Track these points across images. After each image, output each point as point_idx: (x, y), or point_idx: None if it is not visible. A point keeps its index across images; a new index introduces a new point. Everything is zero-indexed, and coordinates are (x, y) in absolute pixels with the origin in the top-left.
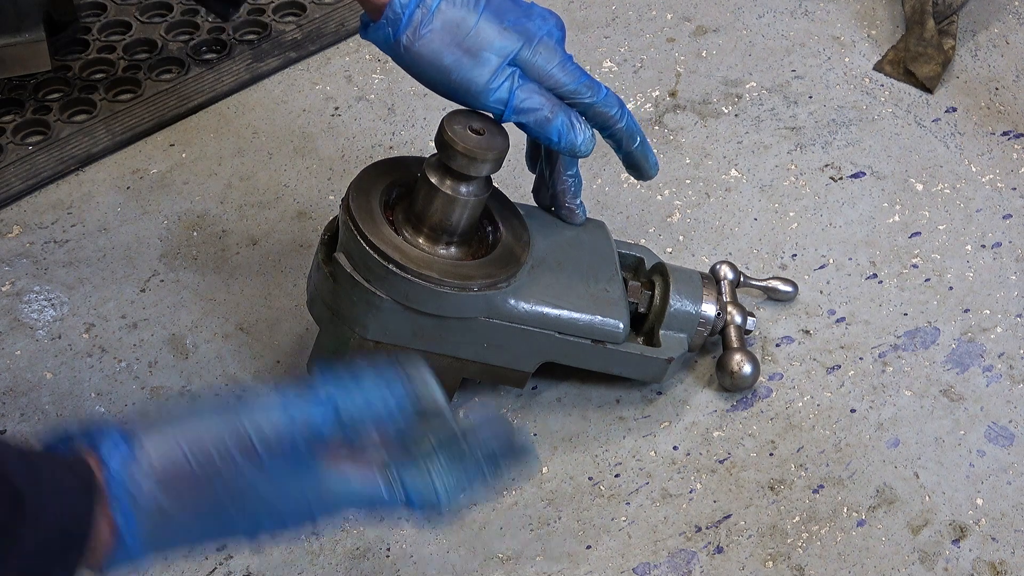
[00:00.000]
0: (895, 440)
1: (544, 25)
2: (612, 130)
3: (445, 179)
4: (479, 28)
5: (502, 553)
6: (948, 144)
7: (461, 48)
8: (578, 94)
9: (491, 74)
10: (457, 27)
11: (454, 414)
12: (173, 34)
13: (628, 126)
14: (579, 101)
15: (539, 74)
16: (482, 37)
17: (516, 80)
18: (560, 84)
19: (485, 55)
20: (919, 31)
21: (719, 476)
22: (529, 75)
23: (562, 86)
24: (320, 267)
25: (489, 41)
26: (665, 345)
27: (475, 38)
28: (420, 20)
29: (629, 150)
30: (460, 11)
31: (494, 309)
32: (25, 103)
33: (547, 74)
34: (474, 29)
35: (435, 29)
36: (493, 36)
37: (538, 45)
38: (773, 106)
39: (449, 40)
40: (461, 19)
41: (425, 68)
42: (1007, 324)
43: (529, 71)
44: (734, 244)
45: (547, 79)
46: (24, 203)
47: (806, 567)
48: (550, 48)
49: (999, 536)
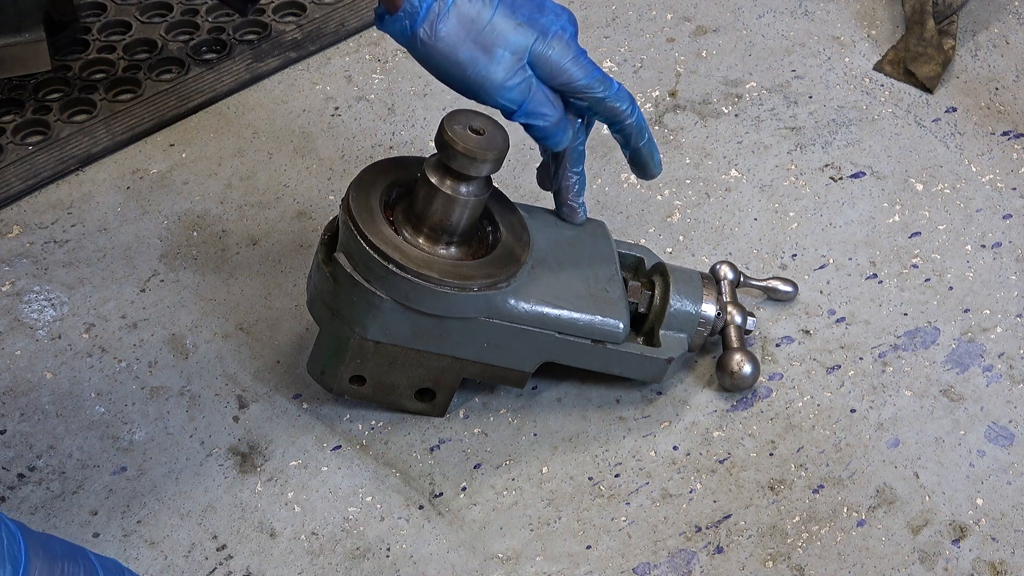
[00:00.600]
0: (895, 440)
1: (557, 20)
2: (622, 125)
3: (445, 179)
4: (494, 23)
5: (502, 553)
6: (948, 144)
7: (477, 44)
8: (590, 89)
9: (505, 72)
10: (472, 22)
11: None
12: (173, 34)
13: (637, 122)
14: (591, 95)
15: (553, 68)
16: (497, 32)
17: (531, 82)
18: (573, 79)
19: (500, 52)
20: (919, 31)
21: (719, 476)
22: (543, 69)
23: (575, 80)
24: (320, 267)
25: (504, 37)
26: (665, 345)
27: (490, 33)
28: (437, 14)
29: (636, 146)
30: (475, 5)
31: (494, 309)
32: (25, 103)
33: (561, 68)
34: (489, 24)
35: (451, 23)
36: (508, 31)
37: (552, 39)
38: (773, 106)
39: (464, 35)
40: (476, 13)
41: (440, 62)
42: (1007, 324)
43: (543, 65)
44: (734, 244)
45: (561, 74)
46: (24, 203)
47: (806, 567)
48: (564, 42)
49: (999, 536)
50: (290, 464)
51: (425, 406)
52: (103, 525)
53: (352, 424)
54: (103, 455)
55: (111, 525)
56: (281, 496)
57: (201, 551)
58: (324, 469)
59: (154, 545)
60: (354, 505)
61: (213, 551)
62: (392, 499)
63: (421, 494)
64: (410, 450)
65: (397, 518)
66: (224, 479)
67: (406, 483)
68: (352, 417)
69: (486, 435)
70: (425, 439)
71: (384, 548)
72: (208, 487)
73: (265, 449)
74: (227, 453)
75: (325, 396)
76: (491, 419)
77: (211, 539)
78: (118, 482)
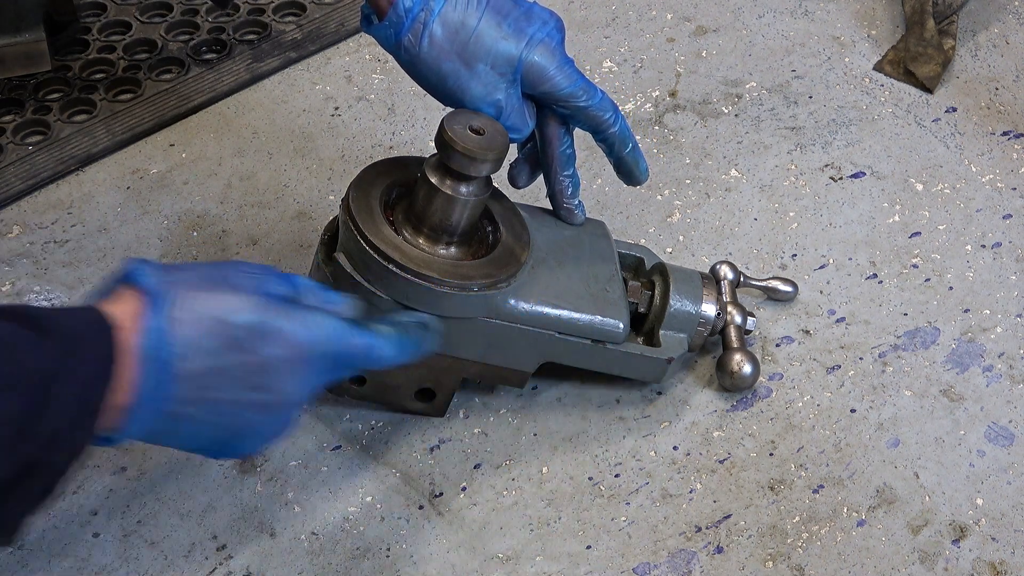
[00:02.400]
0: (895, 440)
1: (544, 28)
2: (605, 134)
3: (445, 179)
4: (479, 32)
5: (502, 553)
6: (948, 144)
7: (460, 57)
8: (574, 97)
9: (484, 88)
10: (457, 32)
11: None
12: (173, 34)
13: (621, 131)
14: (574, 104)
15: (537, 76)
16: (481, 44)
17: (510, 99)
18: (557, 87)
19: (481, 67)
20: (919, 31)
21: (719, 476)
22: (527, 76)
23: (559, 89)
24: (320, 267)
25: (487, 48)
26: (665, 345)
27: (474, 45)
28: (423, 23)
29: (621, 155)
30: (461, 14)
31: (494, 309)
32: (25, 103)
33: (545, 77)
34: (474, 34)
35: (436, 33)
36: (492, 42)
37: (537, 47)
38: (773, 106)
39: (448, 46)
40: (461, 23)
41: (423, 71)
42: (1007, 324)
43: (527, 72)
44: (734, 244)
45: (544, 82)
46: (24, 203)
47: (806, 567)
48: (549, 50)
49: (999, 536)
50: (290, 464)
51: (425, 406)
52: (103, 525)
53: (352, 424)
54: (103, 455)
55: (111, 525)
56: (281, 496)
57: (201, 551)
58: (324, 469)
59: (154, 545)
60: (354, 505)
61: (213, 551)
62: (392, 499)
63: (421, 494)
64: (410, 450)
65: (397, 518)
66: (224, 479)
67: (406, 483)
68: (352, 417)
69: (486, 435)
70: (425, 439)
71: (384, 548)
72: (208, 487)
73: (265, 449)
74: None
75: (325, 396)
76: (491, 419)
77: (211, 539)
78: (118, 482)
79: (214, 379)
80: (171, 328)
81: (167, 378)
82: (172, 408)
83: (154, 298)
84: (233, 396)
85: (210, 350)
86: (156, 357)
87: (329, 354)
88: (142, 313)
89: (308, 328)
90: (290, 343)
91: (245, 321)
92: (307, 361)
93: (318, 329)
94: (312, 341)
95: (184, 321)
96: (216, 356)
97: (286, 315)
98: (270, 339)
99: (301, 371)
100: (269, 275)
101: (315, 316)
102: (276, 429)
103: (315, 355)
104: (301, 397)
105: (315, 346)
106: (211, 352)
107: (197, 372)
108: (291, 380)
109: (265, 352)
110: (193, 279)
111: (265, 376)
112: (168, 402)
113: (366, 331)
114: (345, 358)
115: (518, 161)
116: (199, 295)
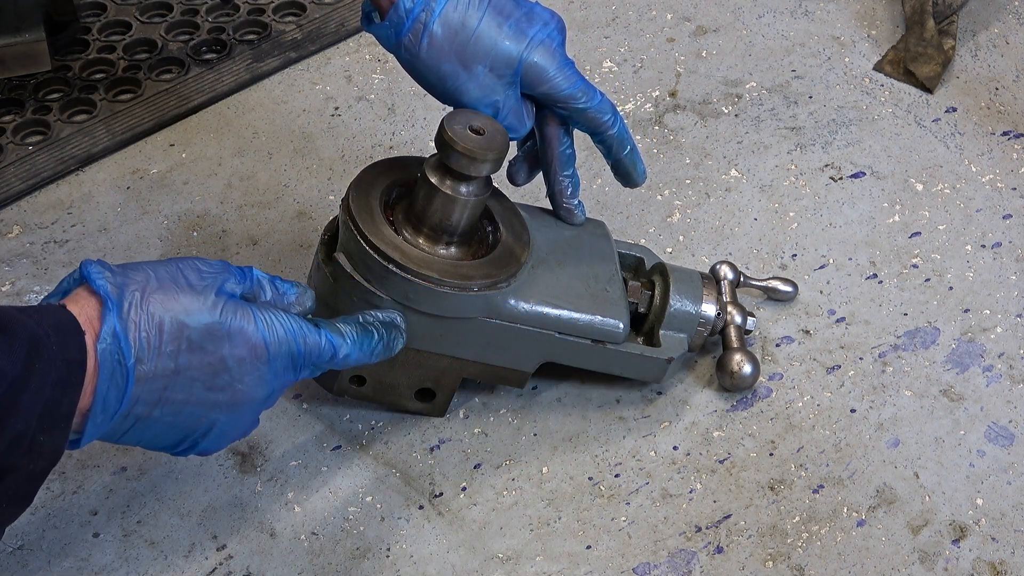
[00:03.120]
0: (895, 440)
1: (545, 29)
2: (603, 136)
3: (445, 179)
4: (479, 34)
5: (502, 553)
6: (948, 144)
7: (459, 59)
8: (573, 99)
9: (481, 90)
10: (457, 33)
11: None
12: (173, 34)
13: (620, 133)
14: (573, 106)
15: (536, 77)
16: (481, 45)
17: (508, 100)
18: (556, 88)
19: (479, 69)
20: (919, 31)
21: (719, 476)
22: (526, 77)
23: (558, 90)
24: (320, 267)
25: (487, 50)
26: (665, 345)
27: (474, 46)
28: (423, 24)
29: (619, 157)
30: (462, 14)
31: (494, 309)
32: (25, 103)
33: (544, 78)
34: (474, 35)
35: (436, 34)
36: (492, 43)
37: (538, 48)
38: (773, 106)
39: (448, 47)
40: (462, 24)
41: (422, 71)
42: (1007, 324)
43: (527, 74)
44: (734, 244)
45: (544, 83)
46: (24, 203)
47: (806, 567)
48: (549, 51)
49: (999, 536)
50: (290, 464)
51: (425, 406)
52: (103, 525)
53: (352, 424)
54: (103, 455)
55: (111, 525)
56: (281, 496)
57: (201, 551)
58: (324, 469)
59: (154, 545)
60: (354, 505)
61: (213, 551)
62: (392, 499)
63: (421, 494)
64: (410, 450)
65: (397, 518)
66: (224, 479)
67: (406, 483)
68: (352, 417)
69: (486, 435)
70: (425, 439)
71: (384, 548)
72: (208, 487)
73: (265, 449)
74: (227, 453)
75: (325, 396)
76: (491, 419)
77: (211, 539)
78: (118, 482)
79: (172, 380)
80: (127, 331)
81: (124, 381)
82: (131, 410)
83: (109, 300)
84: (193, 397)
85: (167, 352)
86: (112, 360)
87: (288, 354)
88: (97, 316)
89: (266, 328)
90: (248, 343)
91: (202, 322)
92: (265, 361)
93: (276, 329)
94: (270, 341)
95: (140, 324)
96: (173, 358)
97: (244, 315)
98: (228, 340)
99: (260, 371)
100: (226, 272)
101: (273, 316)
102: (239, 428)
103: (273, 355)
104: (262, 396)
105: (273, 346)
106: (168, 354)
107: (155, 374)
108: (250, 380)
109: (223, 353)
110: (149, 280)
111: (224, 376)
112: (126, 404)
113: (326, 331)
114: (304, 357)
115: (517, 159)
116: (154, 296)
